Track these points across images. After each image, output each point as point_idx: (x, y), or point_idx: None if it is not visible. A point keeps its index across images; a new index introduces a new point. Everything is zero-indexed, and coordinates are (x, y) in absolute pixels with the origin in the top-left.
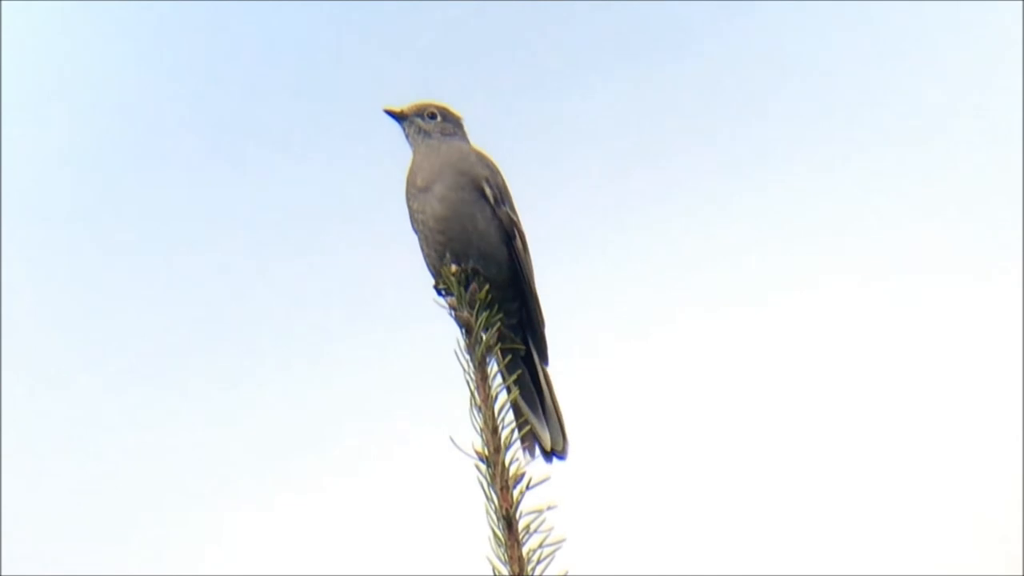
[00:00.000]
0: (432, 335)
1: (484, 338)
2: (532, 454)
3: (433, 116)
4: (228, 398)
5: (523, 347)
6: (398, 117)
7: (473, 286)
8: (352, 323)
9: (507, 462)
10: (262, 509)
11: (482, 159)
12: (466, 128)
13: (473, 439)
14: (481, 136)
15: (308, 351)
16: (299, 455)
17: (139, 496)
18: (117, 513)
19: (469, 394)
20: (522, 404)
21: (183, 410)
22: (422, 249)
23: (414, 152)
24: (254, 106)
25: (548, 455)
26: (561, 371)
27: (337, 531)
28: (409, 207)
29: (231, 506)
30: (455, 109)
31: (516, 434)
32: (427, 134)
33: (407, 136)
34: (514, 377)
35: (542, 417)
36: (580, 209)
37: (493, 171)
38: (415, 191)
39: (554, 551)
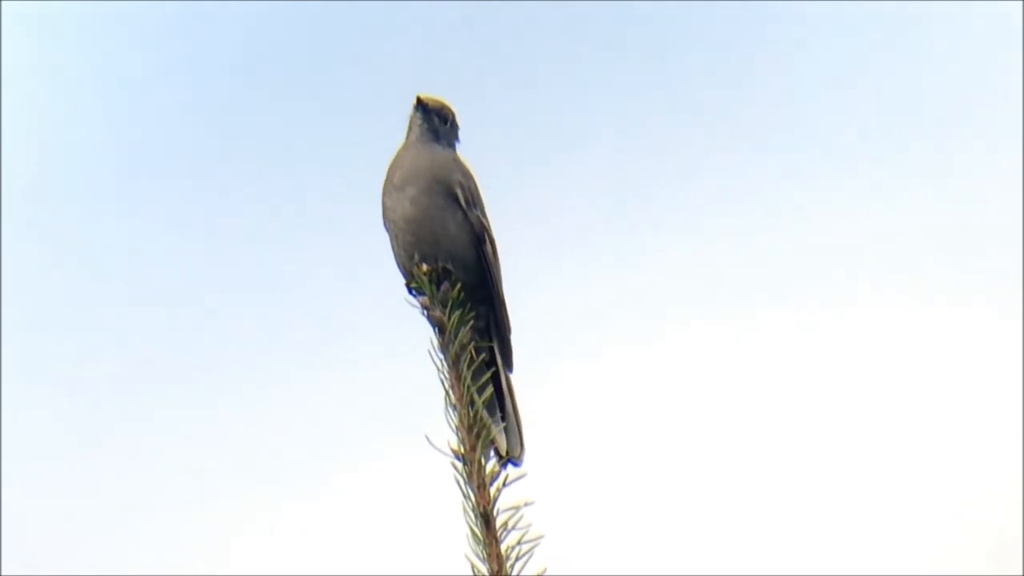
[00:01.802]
0: (405, 335)
1: (458, 337)
2: (487, 458)
3: (446, 120)
4: (210, 400)
5: (492, 343)
6: (424, 107)
7: (445, 285)
8: (326, 325)
9: (483, 460)
10: (240, 510)
11: (458, 164)
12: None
13: (448, 437)
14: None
15: (283, 353)
16: (273, 456)
17: (139, 496)
18: (117, 513)
19: (444, 393)
20: (482, 409)
21: (168, 412)
22: (393, 248)
23: (405, 144)
24: (253, 104)
25: (503, 461)
26: (527, 377)
27: (315, 532)
28: (383, 202)
29: (211, 508)
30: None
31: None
32: (431, 133)
33: (411, 125)
34: (482, 382)
35: (500, 422)
36: (554, 219)
37: (466, 175)
38: (391, 187)
39: (532, 548)
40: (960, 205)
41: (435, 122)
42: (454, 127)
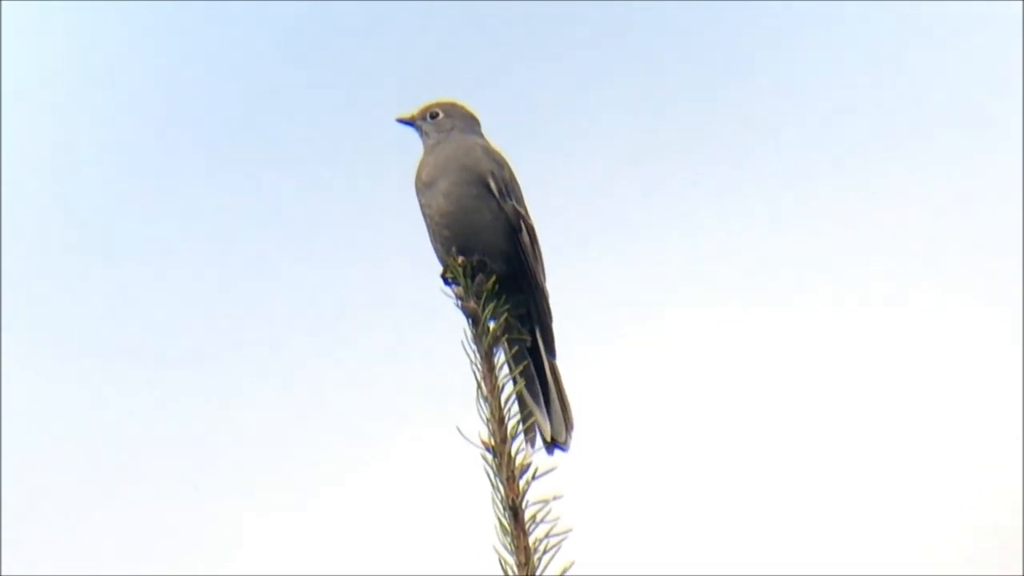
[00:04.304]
0: (439, 325)
1: (491, 329)
2: (533, 444)
3: (435, 115)
4: (236, 390)
5: (528, 338)
6: (408, 122)
7: (480, 276)
8: (360, 315)
9: (513, 452)
10: (266, 504)
11: (488, 152)
12: (480, 125)
13: (480, 429)
14: (497, 131)
15: (315, 343)
16: (304, 448)
17: (144, 496)
18: (118, 513)
19: (476, 384)
20: (526, 395)
21: (194, 404)
22: (430, 239)
23: (423, 149)
24: (259, 103)
25: (550, 446)
26: (571, 364)
27: (343, 522)
28: (418, 200)
29: (235, 501)
30: (468, 107)
31: (521, 424)
32: (429, 133)
33: (420, 137)
34: (520, 368)
35: (544, 408)
36: (595, 205)
37: (499, 164)
38: (421, 186)
39: (560, 541)
40: (961, 203)
41: (428, 125)
42: (454, 115)
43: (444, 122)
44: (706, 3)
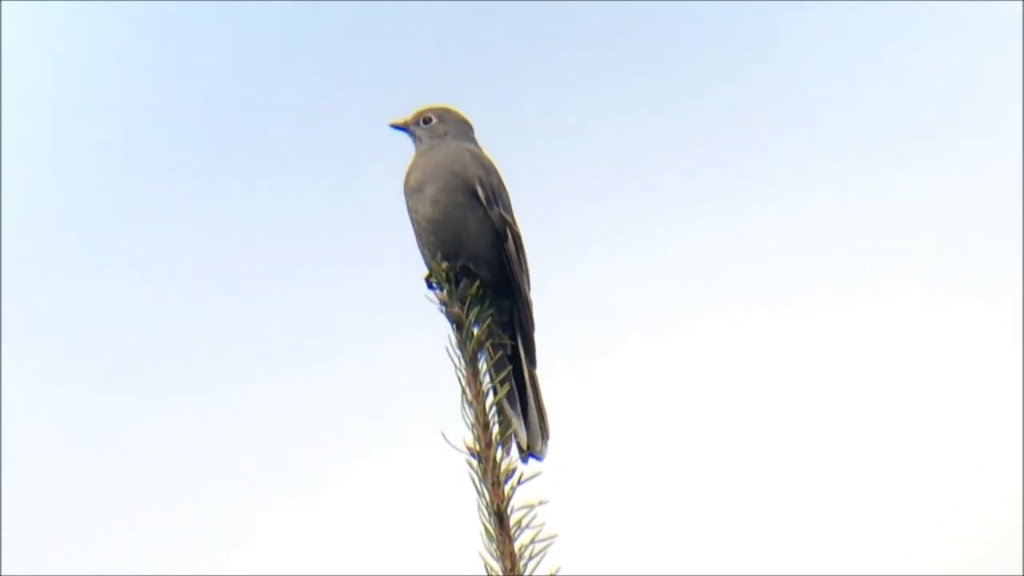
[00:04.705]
0: (423, 330)
1: (475, 334)
2: (509, 452)
3: (428, 121)
4: (222, 397)
5: (511, 343)
6: (402, 127)
7: (464, 282)
8: (343, 321)
9: (498, 457)
10: (254, 508)
11: (477, 159)
12: (473, 131)
13: (464, 435)
14: (480, 138)
15: (300, 349)
16: (289, 453)
17: (141, 497)
18: (119, 514)
19: (460, 390)
20: (504, 403)
21: (176, 411)
22: (417, 242)
23: (415, 152)
24: (255, 106)
25: (525, 455)
26: (552, 372)
27: (329, 528)
28: (407, 203)
29: (223, 505)
30: (461, 112)
31: (499, 432)
32: (423, 138)
33: (414, 142)
34: (502, 376)
35: (521, 416)
36: (579, 215)
37: (488, 171)
38: (409, 190)
39: (546, 547)
40: (961, 203)
41: (421, 130)
42: (447, 121)
43: (437, 127)
44: (706, 3)
